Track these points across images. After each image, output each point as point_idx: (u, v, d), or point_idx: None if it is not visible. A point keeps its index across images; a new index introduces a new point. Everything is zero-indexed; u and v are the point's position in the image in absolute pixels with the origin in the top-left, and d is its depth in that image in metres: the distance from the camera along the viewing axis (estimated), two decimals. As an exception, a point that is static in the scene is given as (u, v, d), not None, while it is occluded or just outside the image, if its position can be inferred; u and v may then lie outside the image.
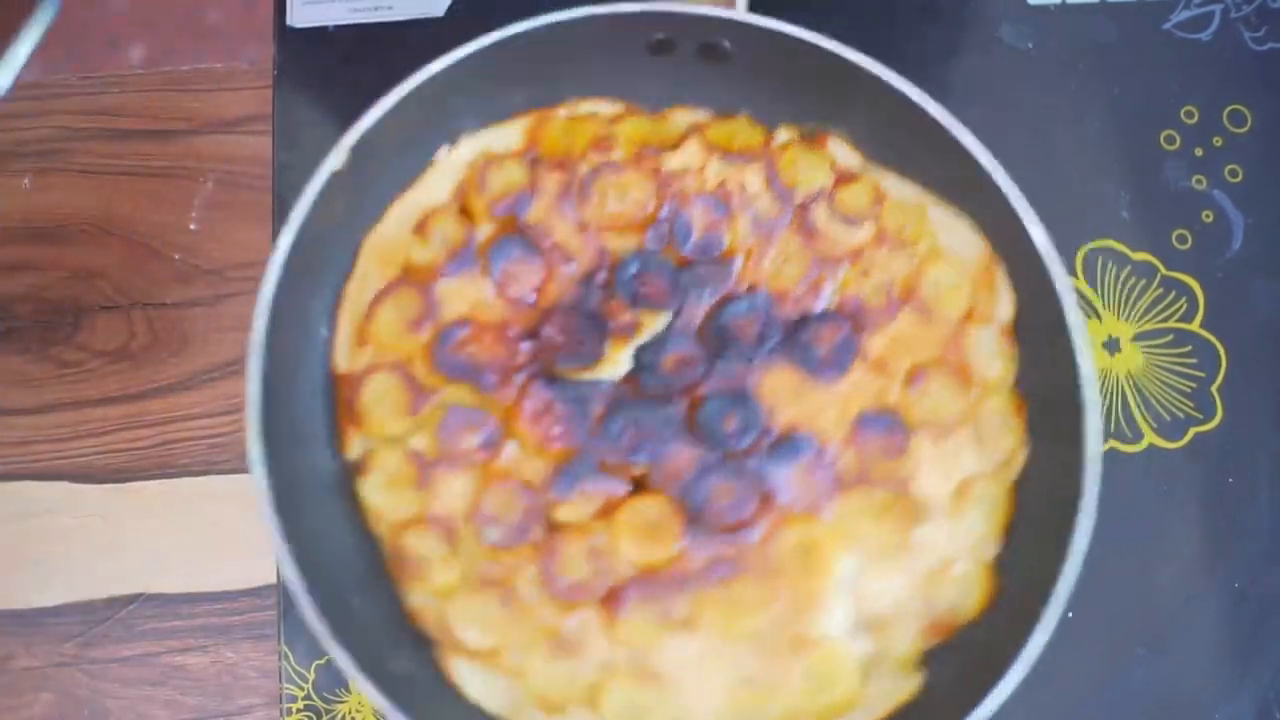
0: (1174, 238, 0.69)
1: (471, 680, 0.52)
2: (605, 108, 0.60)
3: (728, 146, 0.60)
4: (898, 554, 0.54)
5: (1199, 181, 0.70)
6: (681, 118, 0.61)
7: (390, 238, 0.57)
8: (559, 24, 0.55)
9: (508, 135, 0.60)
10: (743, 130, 0.60)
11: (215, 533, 0.67)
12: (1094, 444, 0.51)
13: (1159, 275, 0.69)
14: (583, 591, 0.53)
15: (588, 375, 0.56)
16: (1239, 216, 0.70)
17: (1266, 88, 0.72)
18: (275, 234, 0.70)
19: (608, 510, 0.54)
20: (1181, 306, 0.68)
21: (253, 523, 0.66)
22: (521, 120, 0.60)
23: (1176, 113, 0.71)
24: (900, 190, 0.59)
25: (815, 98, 0.59)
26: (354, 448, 0.55)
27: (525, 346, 0.56)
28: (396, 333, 0.56)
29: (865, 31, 0.64)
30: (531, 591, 0.53)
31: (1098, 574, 0.64)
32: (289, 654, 0.63)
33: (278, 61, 0.72)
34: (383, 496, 0.54)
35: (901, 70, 0.61)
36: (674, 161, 0.59)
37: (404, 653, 0.52)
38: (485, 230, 0.58)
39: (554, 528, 0.54)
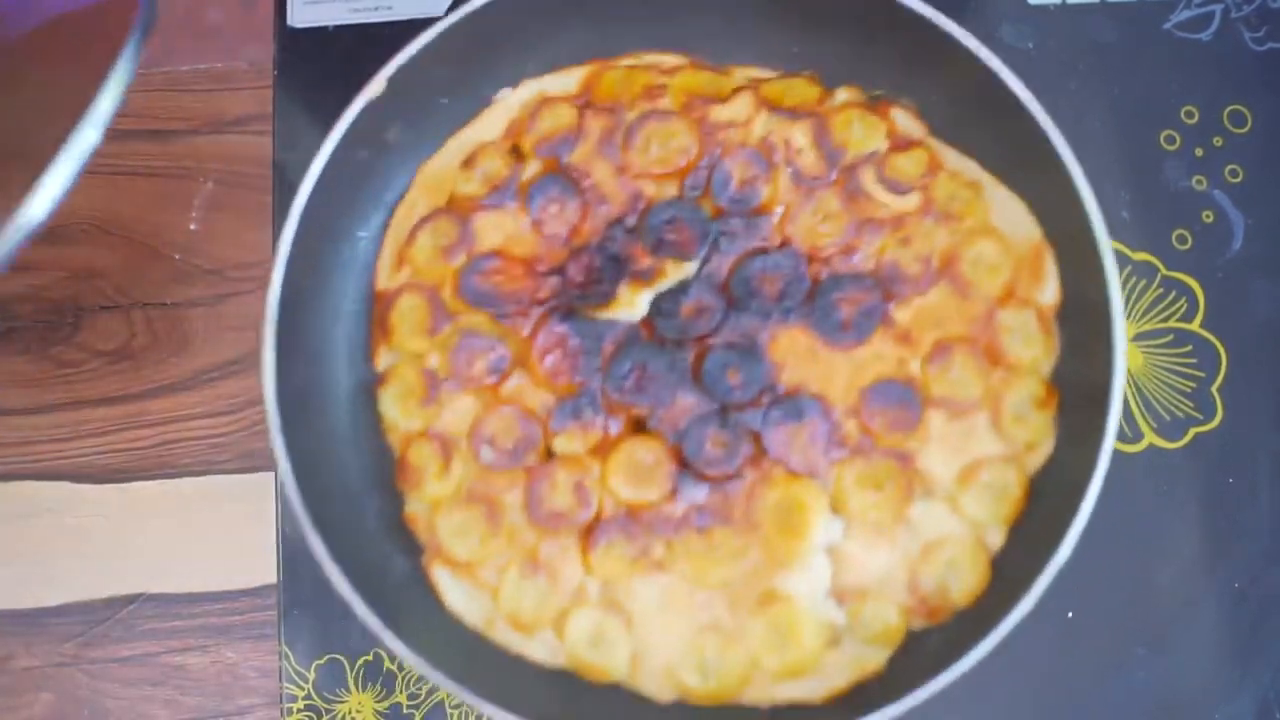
0: (1174, 238, 0.69)
1: (451, 590, 0.55)
2: (669, 60, 0.61)
3: (779, 102, 0.59)
4: (892, 527, 0.54)
5: (1199, 181, 0.70)
6: (743, 74, 0.61)
7: (441, 168, 0.60)
8: None
9: (566, 80, 0.61)
10: (798, 88, 0.60)
11: (215, 533, 0.67)
12: (1109, 444, 0.51)
13: (1159, 275, 0.69)
14: (563, 520, 0.55)
15: (604, 315, 0.57)
16: (1239, 216, 0.70)
17: (1266, 88, 0.72)
18: (276, 234, 0.70)
19: (603, 448, 0.56)
20: (1181, 306, 0.68)
21: (253, 523, 0.67)
22: (584, 67, 0.61)
23: (1176, 113, 0.71)
24: (958, 164, 0.58)
25: (892, 64, 0.58)
26: (381, 360, 0.58)
27: (550, 282, 0.58)
28: (430, 257, 0.59)
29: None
30: (516, 514, 0.55)
31: (1098, 574, 0.64)
32: (289, 654, 0.63)
33: (278, 61, 0.72)
34: (395, 408, 0.57)
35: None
36: (722, 113, 0.59)
37: (398, 556, 0.56)
38: (531, 169, 0.60)
39: (548, 457, 0.56)
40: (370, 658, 0.63)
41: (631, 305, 0.58)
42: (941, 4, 0.73)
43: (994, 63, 0.54)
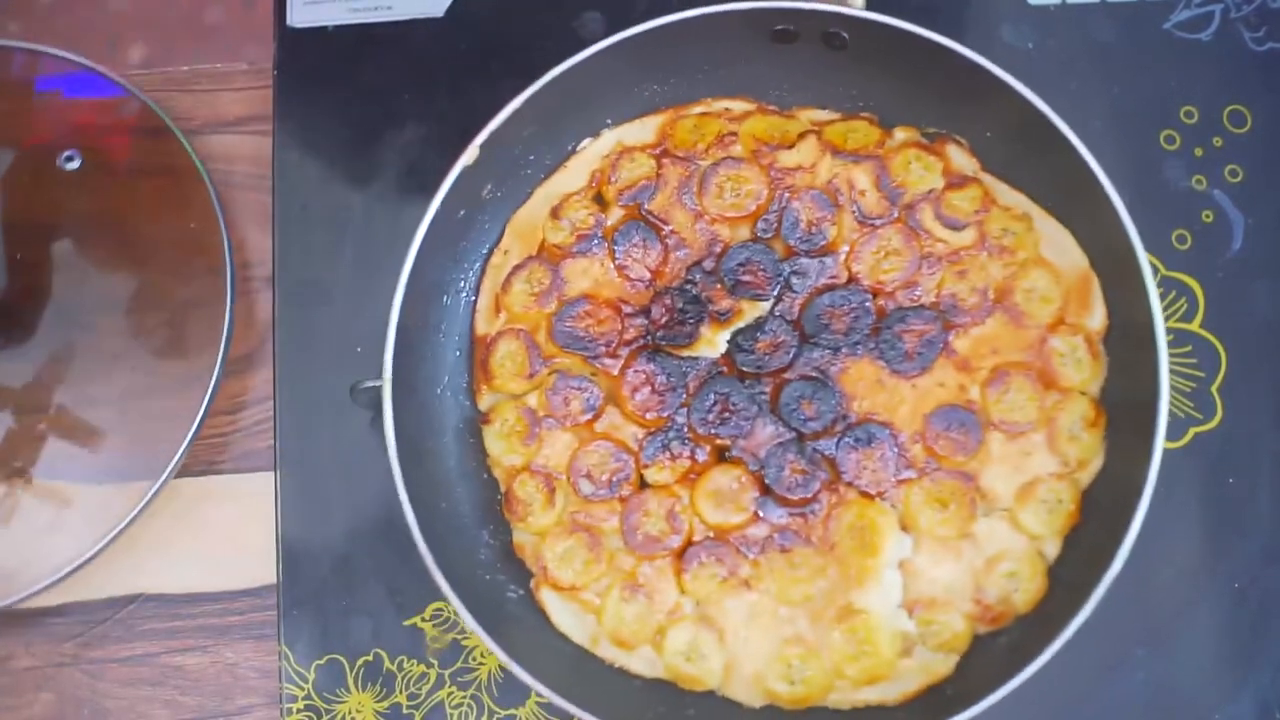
0: (1174, 238, 0.69)
1: (559, 611, 0.60)
2: (738, 106, 0.66)
3: (841, 145, 0.64)
4: (957, 541, 0.58)
5: (1199, 181, 0.70)
6: (806, 117, 0.65)
7: (530, 217, 0.65)
8: (685, 20, 0.61)
9: (643, 130, 0.66)
10: (860, 130, 0.64)
11: (215, 533, 0.67)
12: (1156, 460, 0.54)
13: (1159, 275, 0.69)
14: (658, 544, 0.60)
15: (687, 353, 0.62)
16: (1239, 216, 0.70)
17: (1266, 88, 0.72)
18: (275, 233, 0.70)
19: (690, 476, 0.60)
20: (1181, 306, 0.68)
21: (253, 523, 0.67)
22: (659, 116, 0.66)
23: (1176, 113, 0.71)
24: (1009, 199, 0.63)
25: (941, 102, 0.63)
26: (484, 400, 0.63)
27: (636, 323, 0.63)
28: (525, 303, 0.64)
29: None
30: (615, 540, 0.60)
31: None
32: (289, 654, 0.63)
33: (278, 61, 0.72)
34: (500, 445, 0.62)
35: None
36: (789, 159, 0.64)
37: (509, 583, 0.60)
38: (615, 216, 0.64)
39: (641, 487, 0.61)
40: (370, 658, 0.63)
41: (712, 343, 0.62)
42: (941, 5, 0.74)
43: (1039, 103, 0.58)
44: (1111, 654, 0.63)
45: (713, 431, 0.61)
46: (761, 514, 0.59)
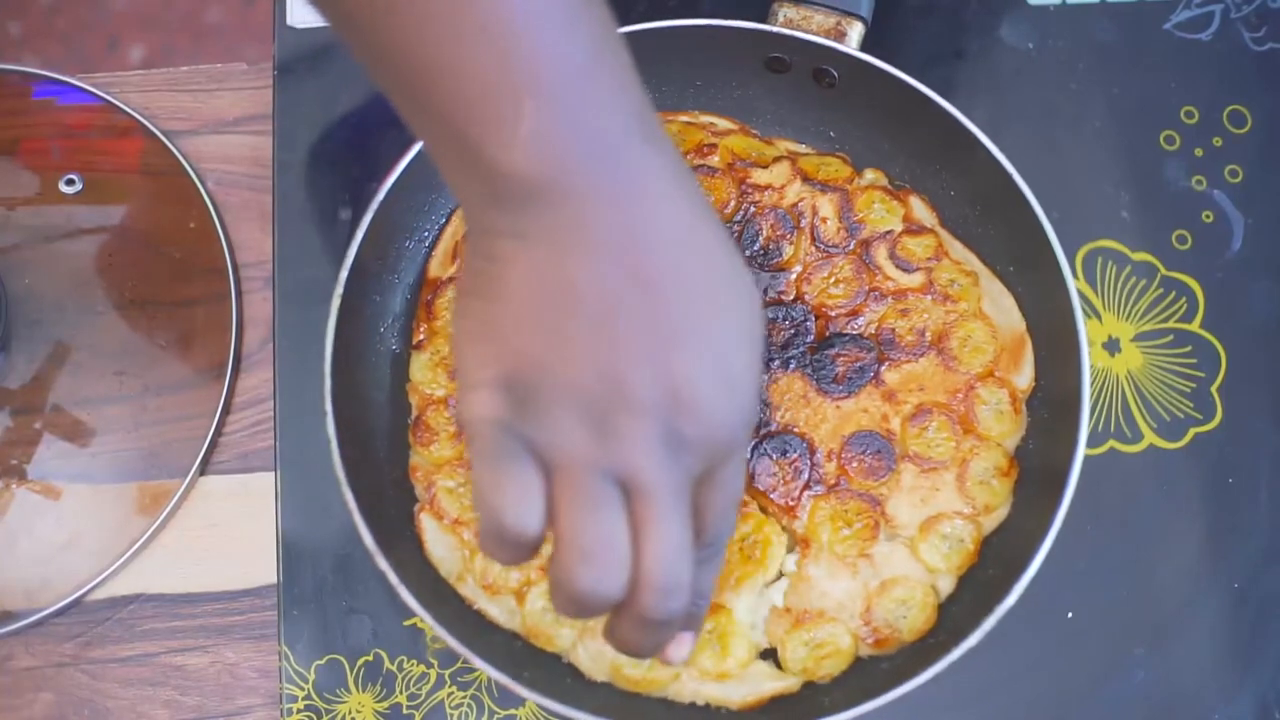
0: (1174, 238, 0.69)
1: (434, 541, 0.60)
2: (722, 123, 0.68)
3: (813, 174, 0.66)
4: (856, 560, 0.59)
5: (1199, 182, 0.70)
6: (784, 146, 0.67)
7: None
8: (682, 28, 0.63)
9: None
10: (832, 165, 0.66)
11: (215, 533, 0.67)
12: (1058, 522, 0.56)
13: (1159, 275, 0.69)
14: None
15: None
16: (1239, 217, 0.70)
17: (1266, 88, 0.72)
18: (275, 233, 0.70)
19: None
20: (1181, 307, 0.68)
21: (253, 523, 0.67)
22: None
23: (1176, 113, 0.71)
24: (960, 254, 0.65)
25: (913, 157, 0.66)
26: (420, 334, 0.64)
27: None
28: None
29: (868, 32, 0.64)
30: None
31: (1097, 574, 0.64)
32: (289, 654, 0.63)
33: (278, 61, 0.72)
34: (426, 374, 0.63)
35: (901, 70, 0.62)
36: (762, 176, 0.65)
37: (398, 498, 0.62)
38: None
39: None
40: (370, 658, 0.63)
41: None
42: (941, 5, 0.74)
43: (1009, 165, 0.61)
44: (1111, 654, 0.63)
45: None
46: None
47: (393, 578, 0.55)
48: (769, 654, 0.60)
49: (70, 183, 0.70)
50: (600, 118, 0.38)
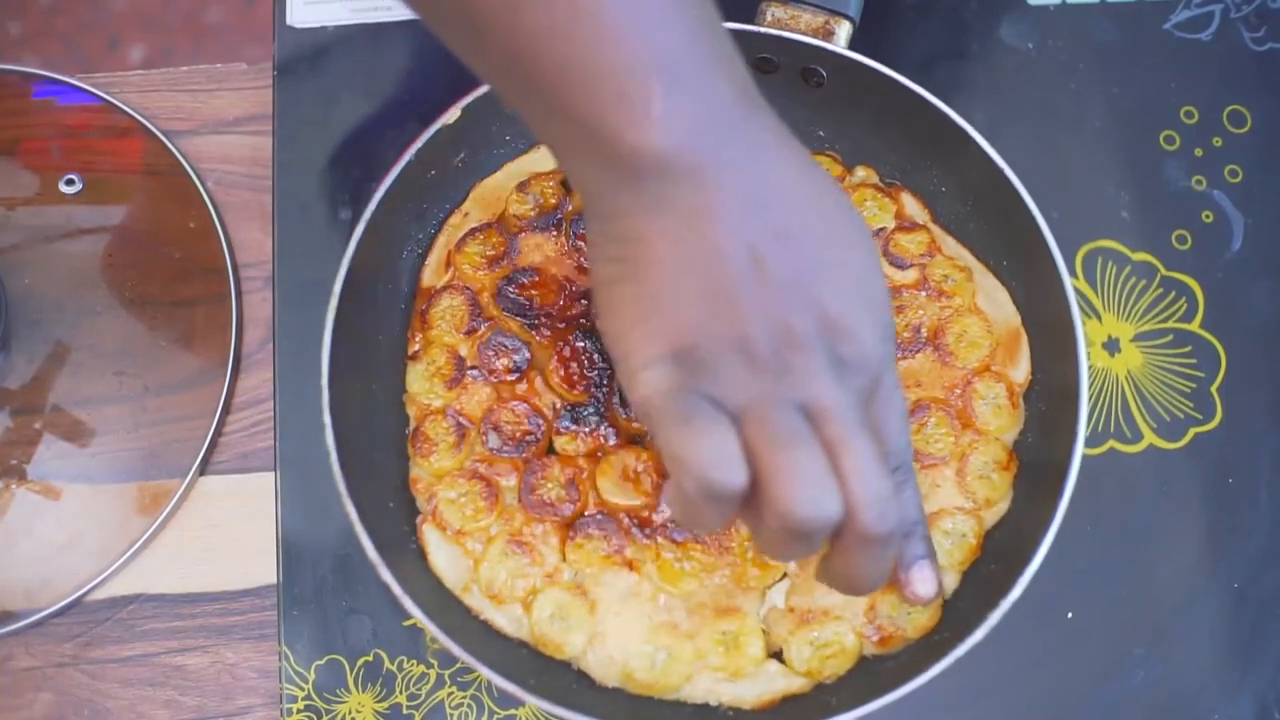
0: (1174, 238, 0.69)
1: (437, 552, 0.60)
2: None
3: None
4: None
5: (1199, 182, 0.70)
6: None
7: (496, 187, 0.67)
8: None
9: None
10: (824, 164, 0.66)
11: (215, 533, 0.67)
12: (1060, 514, 0.55)
13: (1159, 275, 0.69)
14: (551, 510, 0.60)
15: None
16: (1239, 216, 0.70)
17: (1266, 88, 0.72)
18: (275, 233, 0.70)
19: (598, 454, 0.61)
20: (1181, 306, 0.68)
21: (252, 523, 0.67)
22: None
23: (1176, 113, 0.71)
24: (955, 251, 0.65)
25: (904, 155, 0.65)
26: (415, 344, 0.64)
27: (580, 304, 0.63)
28: (476, 264, 0.65)
29: (864, 31, 0.64)
30: (510, 497, 0.61)
31: (1097, 574, 0.64)
32: (289, 654, 0.63)
33: (278, 61, 0.72)
34: (422, 384, 0.63)
35: (901, 70, 0.62)
36: None
37: (398, 511, 0.61)
38: (578, 202, 0.65)
39: (548, 454, 0.61)
40: (370, 658, 0.63)
41: None
42: (941, 5, 0.74)
43: (1000, 160, 0.60)
44: (1111, 654, 0.63)
45: (630, 416, 0.61)
46: (661, 502, 0.60)
47: (397, 589, 0.55)
48: (774, 656, 0.59)
49: (70, 183, 0.70)
50: (718, 89, 0.42)
